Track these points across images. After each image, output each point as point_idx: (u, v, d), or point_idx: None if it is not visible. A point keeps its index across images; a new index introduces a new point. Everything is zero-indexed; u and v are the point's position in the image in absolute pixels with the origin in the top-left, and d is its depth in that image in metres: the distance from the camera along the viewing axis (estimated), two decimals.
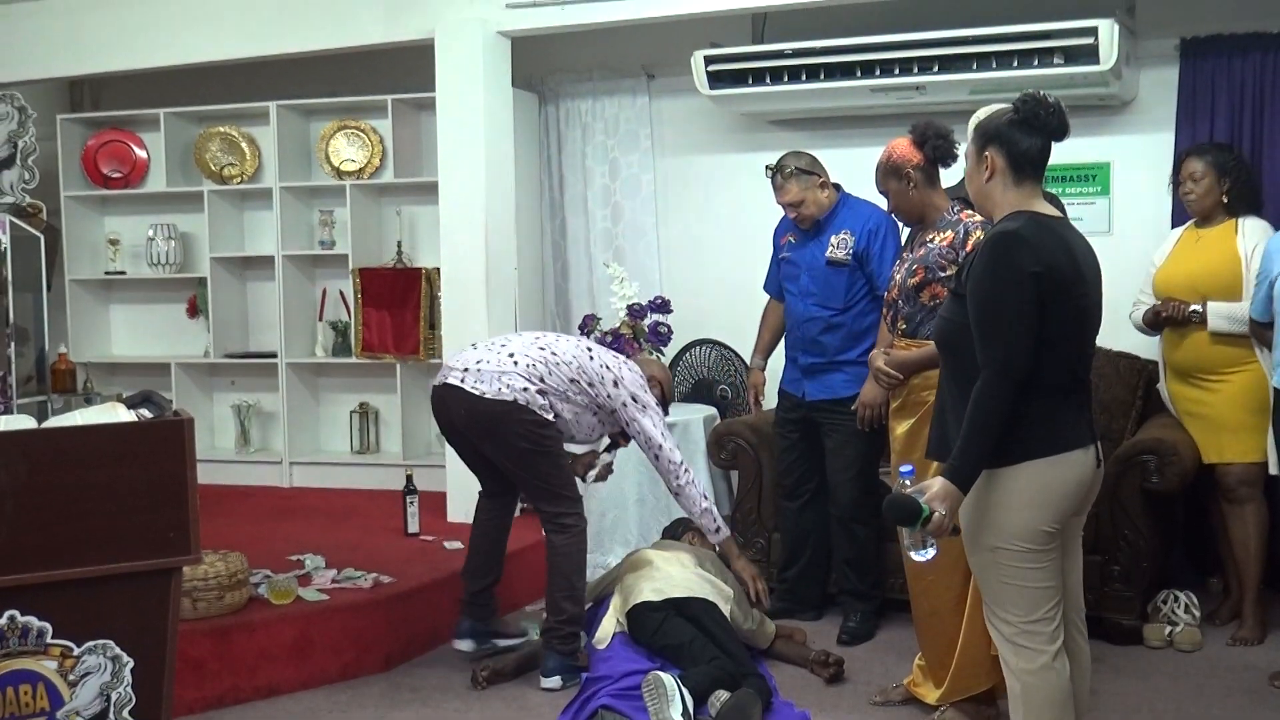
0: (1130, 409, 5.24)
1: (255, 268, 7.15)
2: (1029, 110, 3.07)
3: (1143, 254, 5.11)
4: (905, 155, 3.93)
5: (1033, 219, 3.03)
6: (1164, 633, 4.67)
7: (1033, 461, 2.98)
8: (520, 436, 4.31)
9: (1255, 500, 4.70)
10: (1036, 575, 3.03)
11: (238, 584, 4.45)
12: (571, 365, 4.41)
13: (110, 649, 3.00)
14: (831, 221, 4.90)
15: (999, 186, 3.09)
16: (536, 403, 4.31)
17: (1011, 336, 2.91)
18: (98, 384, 6.79)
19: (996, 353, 2.92)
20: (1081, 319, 3.04)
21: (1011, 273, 2.92)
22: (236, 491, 6.73)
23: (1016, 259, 2.92)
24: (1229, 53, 5.35)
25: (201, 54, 6.45)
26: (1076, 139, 5.61)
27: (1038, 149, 3.09)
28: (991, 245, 2.98)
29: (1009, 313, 2.92)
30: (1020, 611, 3.04)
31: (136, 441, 2.99)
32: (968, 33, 5.28)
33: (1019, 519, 2.99)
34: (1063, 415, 3.02)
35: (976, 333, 2.97)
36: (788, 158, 4.94)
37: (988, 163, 3.09)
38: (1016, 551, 3.01)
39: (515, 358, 4.37)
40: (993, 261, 2.96)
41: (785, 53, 5.62)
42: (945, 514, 2.91)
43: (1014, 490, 2.99)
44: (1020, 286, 2.91)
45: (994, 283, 2.95)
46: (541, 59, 6.52)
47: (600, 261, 6.49)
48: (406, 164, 6.74)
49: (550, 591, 4.43)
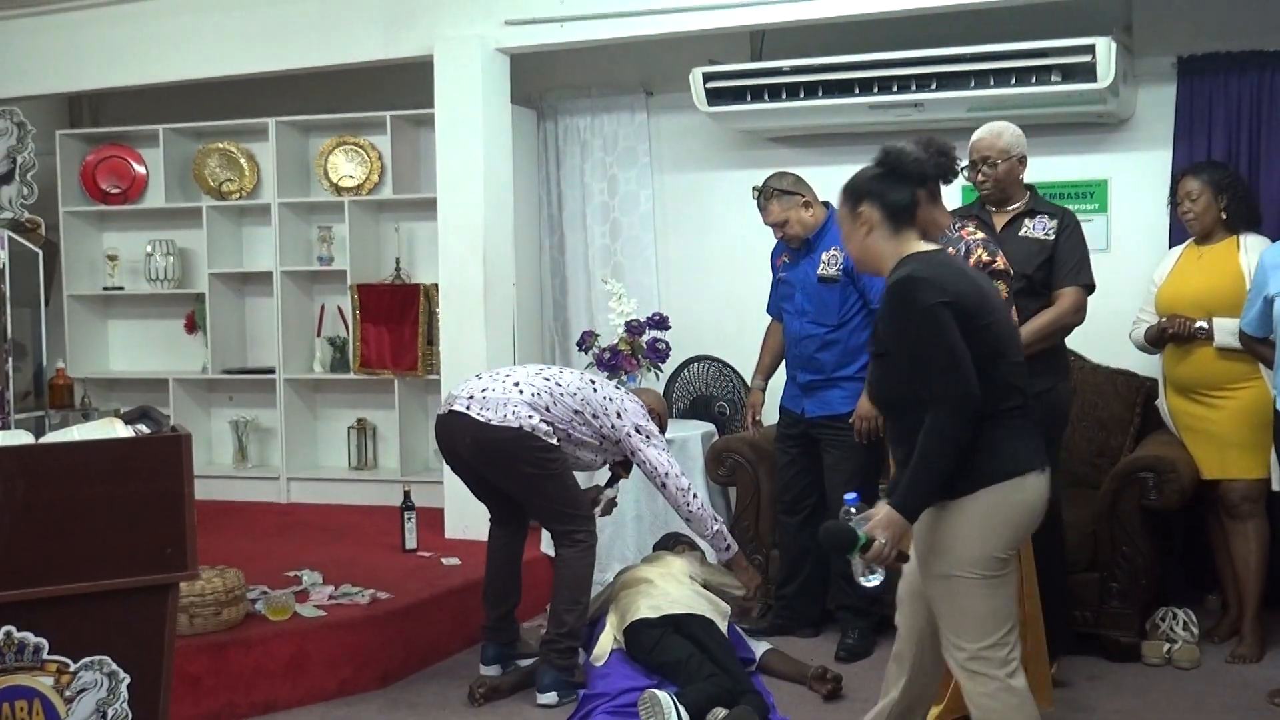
0: (1128, 426, 5.24)
1: (254, 283, 7.15)
2: (892, 162, 3.15)
3: (1141, 270, 5.12)
4: None
5: (918, 258, 3.08)
6: (1162, 650, 4.67)
7: (990, 488, 2.99)
8: (526, 463, 4.32)
9: (1258, 517, 4.70)
10: (992, 602, 3.02)
11: (234, 600, 4.44)
12: (575, 396, 4.42)
13: (107, 665, 3.00)
14: (822, 239, 4.93)
15: (878, 239, 3.14)
16: (541, 430, 4.31)
17: (952, 366, 2.92)
18: (95, 399, 6.80)
19: (946, 388, 2.92)
20: (997, 338, 3.04)
21: (921, 311, 2.95)
22: (234, 507, 6.72)
23: (921, 297, 2.95)
24: (1226, 71, 5.37)
25: (201, 70, 6.47)
26: (1074, 155, 5.73)
27: (909, 198, 3.13)
28: (892, 295, 3.03)
29: (938, 347, 2.93)
30: (975, 638, 3.03)
31: (134, 457, 2.99)
32: (966, 50, 5.30)
33: (976, 547, 2.99)
34: (1015, 439, 3.03)
35: (917, 380, 2.97)
36: (770, 179, 4.99)
37: (863, 218, 3.14)
38: (972, 580, 3.00)
39: (520, 387, 4.38)
40: (900, 308, 3.00)
41: (783, 70, 5.64)
42: (886, 542, 2.93)
43: (970, 518, 3.00)
44: (936, 319, 2.94)
45: (910, 326, 2.98)
46: (540, 76, 6.53)
47: (599, 278, 6.49)
48: (405, 180, 6.75)
49: (554, 603, 4.43)
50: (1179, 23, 5.48)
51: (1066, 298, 4.36)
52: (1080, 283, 4.39)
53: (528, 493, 4.43)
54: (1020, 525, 3.05)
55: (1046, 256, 4.36)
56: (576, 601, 4.41)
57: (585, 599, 4.47)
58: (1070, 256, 4.38)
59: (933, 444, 2.92)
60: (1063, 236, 4.38)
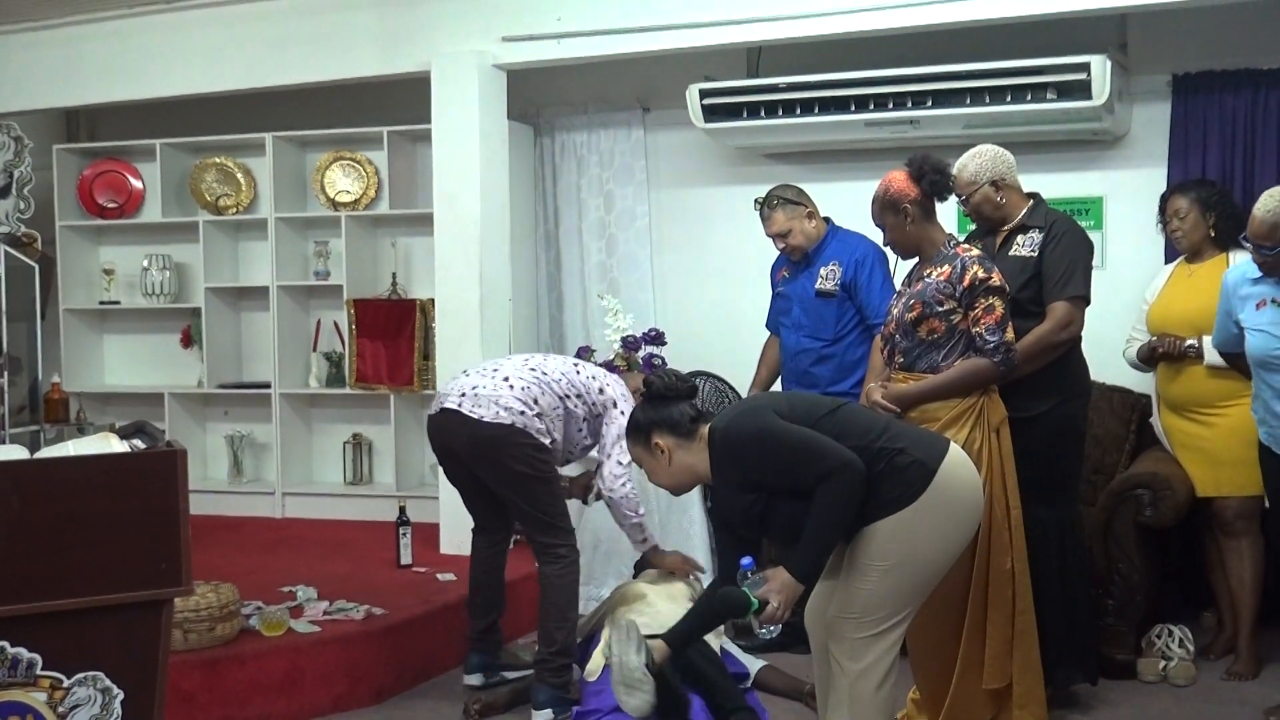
0: (1124, 443, 5.24)
1: (250, 298, 7.15)
2: (657, 388, 3.46)
3: (1136, 288, 5.13)
4: (902, 189, 3.93)
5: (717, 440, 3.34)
6: (1158, 667, 4.66)
7: (931, 484, 3.21)
8: (518, 460, 4.32)
9: (1252, 534, 4.70)
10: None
11: (229, 615, 4.43)
12: (561, 382, 4.46)
13: (100, 681, 2.99)
14: (821, 253, 4.95)
15: (680, 454, 3.39)
16: (534, 426, 4.34)
17: (817, 448, 3.15)
18: (91, 414, 6.80)
19: (825, 464, 3.13)
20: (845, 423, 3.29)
21: (754, 432, 3.25)
22: (229, 522, 6.70)
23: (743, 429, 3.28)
24: (1220, 89, 5.39)
25: (198, 85, 6.49)
26: (1070, 173, 5.74)
27: (686, 413, 3.41)
28: (725, 451, 3.31)
29: (792, 444, 3.19)
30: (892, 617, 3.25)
31: (129, 473, 2.98)
32: (961, 68, 5.32)
33: (955, 532, 3.28)
34: (915, 445, 3.27)
35: (793, 475, 3.17)
36: (775, 189, 5.02)
37: (660, 448, 3.40)
38: (942, 566, 3.30)
39: (510, 381, 4.40)
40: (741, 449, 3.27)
41: (780, 86, 5.65)
42: (779, 606, 3.17)
43: (938, 509, 3.21)
44: (770, 427, 3.22)
45: (760, 451, 3.23)
46: (537, 92, 6.54)
47: (595, 293, 6.50)
48: (402, 195, 6.75)
49: (543, 622, 4.42)
50: (1173, 41, 5.50)
51: (1053, 313, 4.16)
52: (1068, 295, 4.17)
53: (517, 495, 4.42)
54: (978, 498, 3.37)
55: (1030, 274, 4.20)
56: (565, 618, 4.41)
57: (574, 614, 4.47)
58: (1056, 269, 4.20)
59: (835, 507, 3.14)
60: (1048, 249, 4.22)
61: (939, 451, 3.28)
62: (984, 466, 3.69)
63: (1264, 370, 4.19)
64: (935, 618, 3.81)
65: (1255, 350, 4.20)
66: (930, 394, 3.83)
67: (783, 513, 3.23)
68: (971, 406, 3.80)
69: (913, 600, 3.28)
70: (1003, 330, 3.81)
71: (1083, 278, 4.24)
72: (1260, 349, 4.17)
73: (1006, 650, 3.87)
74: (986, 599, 3.84)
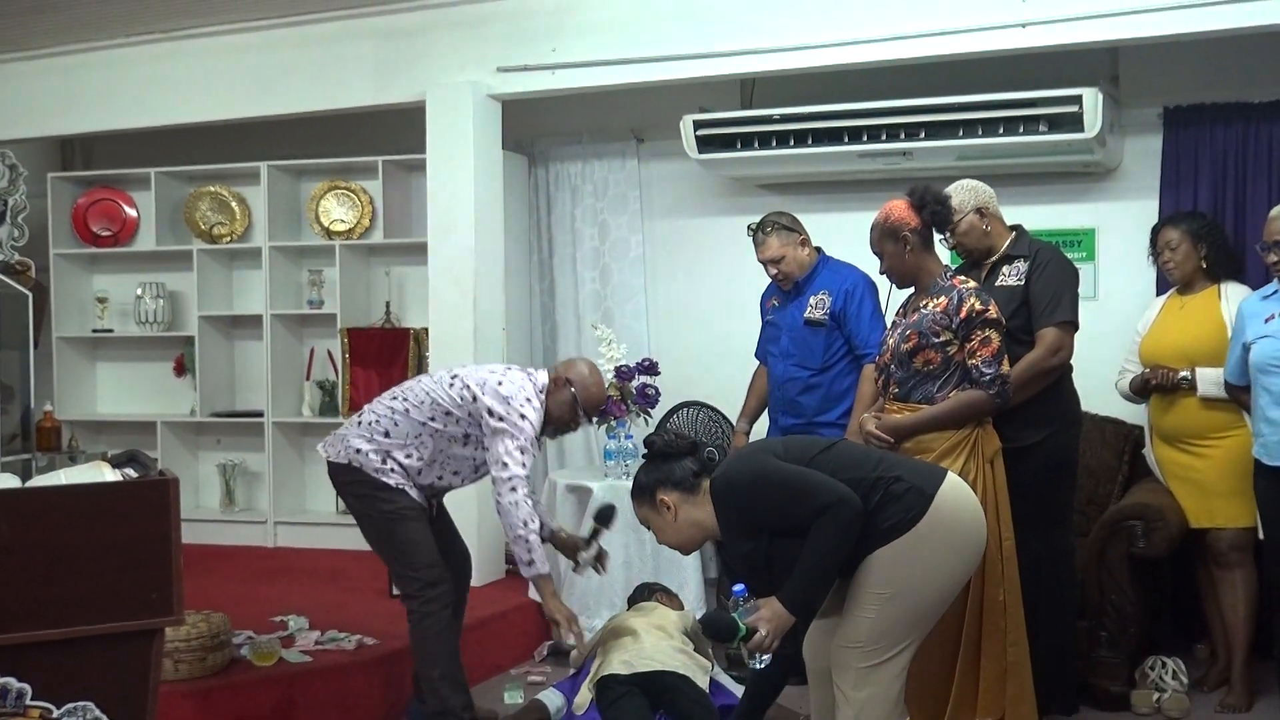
0: (1116, 474, 5.24)
1: (243, 327, 7.15)
2: (659, 447, 3.47)
3: (1128, 319, 5.15)
4: (903, 218, 3.94)
5: (717, 488, 3.36)
6: (1152, 699, 4.65)
7: (929, 510, 3.20)
8: (356, 498, 4.29)
9: (1245, 566, 4.69)
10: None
11: (220, 645, 4.41)
12: (423, 406, 4.23)
13: (90, 711, 2.97)
14: (811, 283, 4.97)
15: (686, 509, 3.40)
16: (372, 465, 4.21)
17: (811, 484, 3.18)
18: (83, 442, 6.77)
19: (820, 499, 3.14)
20: (841, 460, 3.31)
21: (753, 478, 3.27)
22: (220, 551, 6.68)
23: (742, 473, 3.31)
24: (1211, 121, 5.42)
25: (193, 114, 6.51)
26: (1062, 205, 5.76)
27: (688, 469, 3.42)
28: (726, 500, 3.32)
29: (785, 484, 3.21)
30: (895, 646, 3.23)
31: (121, 501, 2.97)
32: (954, 100, 5.34)
33: (956, 559, 3.26)
34: (911, 474, 3.27)
35: (790, 513, 3.18)
36: (770, 215, 5.04)
37: (666, 504, 3.40)
38: (947, 593, 3.28)
39: (362, 416, 4.33)
40: (739, 495, 3.29)
41: (773, 118, 5.67)
42: (768, 635, 3.16)
43: (937, 536, 3.20)
44: (763, 469, 3.25)
45: (755, 496, 3.25)
46: (531, 122, 6.56)
47: (589, 323, 6.50)
48: (396, 225, 6.76)
49: (420, 679, 4.28)
50: (1165, 74, 5.53)
51: (1042, 339, 4.21)
52: (1056, 321, 4.22)
53: (364, 534, 4.33)
54: (977, 527, 3.33)
55: (1019, 303, 4.25)
56: (444, 676, 4.16)
57: (451, 671, 4.19)
58: (1043, 296, 4.25)
59: (833, 540, 3.14)
60: (1034, 277, 4.28)
61: (936, 479, 3.28)
62: (978, 498, 3.69)
63: (1263, 376, 4.23)
64: (929, 649, 3.80)
65: (1258, 357, 4.24)
66: (925, 425, 3.83)
67: (786, 555, 3.22)
68: (966, 438, 3.81)
69: (916, 629, 3.26)
70: (999, 363, 3.82)
71: (1070, 303, 4.28)
72: (1263, 354, 4.23)
73: (1000, 682, 3.86)
74: (980, 631, 3.84)
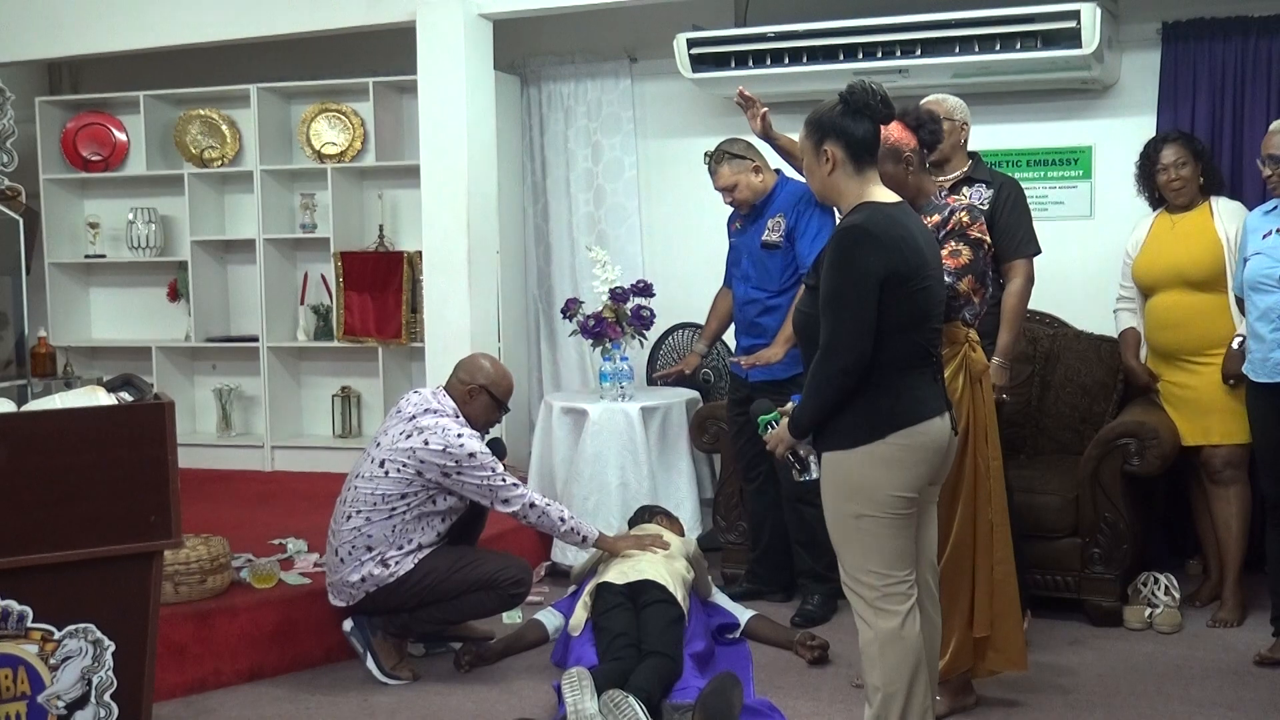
0: (1111, 392, 5.25)
1: (236, 251, 7.12)
2: (859, 100, 3.23)
3: (1124, 237, 5.12)
4: (902, 138, 3.90)
5: (877, 210, 3.21)
6: (1144, 615, 4.70)
7: (896, 433, 3.18)
8: (400, 600, 4.31)
9: (1240, 482, 4.72)
10: (896, 541, 3.25)
11: (219, 568, 4.44)
12: (378, 507, 4.27)
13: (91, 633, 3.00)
14: (769, 206, 4.99)
15: (842, 177, 3.27)
16: (381, 579, 4.27)
17: (840, 328, 3.13)
18: (78, 368, 6.77)
19: (842, 346, 3.13)
20: (926, 303, 3.23)
21: (855, 272, 3.13)
22: (218, 475, 6.71)
23: (862, 261, 3.12)
24: (1210, 36, 5.36)
25: (181, 36, 6.42)
26: (1058, 122, 5.72)
27: (871, 135, 3.26)
28: (839, 242, 3.19)
29: (847, 309, 3.13)
30: (881, 575, 3.24)
31: (117, 425, 2.98)
32: (950, 16, 5.28)
33: (885, 487, 3.19)
34: (918, 389, 3.23)
35: (824, 321, 3.17)
36: (723, 143, 5.04)
37: (828, 155, 3.25)
38: (880, 518, 3.21)
39: (339, 553, 4.34)
40: (841, 259, 3.16)
41: (768, 35, 5.61)
42: (775, 442, 3.35)
43: (879, 461, 3.19)
44: (861, 286, 3.12)
45: (840, 279, 3.15)
46: (523, 42, 6.49)
47: (583, 245, 6.48)
48: (388, 147, 6.72)
49: None
50: None
51: (1019, 270, 4.36)
52: (1028, 254, 4.41)
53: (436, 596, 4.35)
54: (927, 464, 3.26)
55: None
56: None
57: None
58: (1017, 228, 4.39)
59: (813, 378, 3.19)
60: (1005, 208, 4.39)
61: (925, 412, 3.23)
62: (964, 416, 3.70)
63: (1254, 293, 4.23)
64: None
65: (1250, 273, 4.24)
66: None
67: (810, 314, 3.29)
68: (956, 354, 3.80)
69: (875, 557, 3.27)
70: (957, 278, 3.73)
71: (1035, 237, 4.49)
72: (1254, 271, 4.23)
73: (987, 600, 3.88)
74: (975, 551, 3.85)
